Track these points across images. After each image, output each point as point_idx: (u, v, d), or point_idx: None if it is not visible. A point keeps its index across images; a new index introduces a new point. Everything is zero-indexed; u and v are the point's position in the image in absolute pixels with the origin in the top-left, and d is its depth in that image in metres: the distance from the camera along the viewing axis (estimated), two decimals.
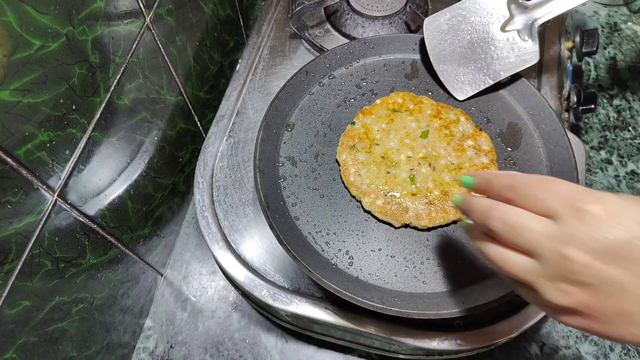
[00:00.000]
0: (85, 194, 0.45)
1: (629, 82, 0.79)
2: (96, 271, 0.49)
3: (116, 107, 0.47)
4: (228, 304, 0.63)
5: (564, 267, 0.28)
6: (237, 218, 0.54)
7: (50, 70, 0.37)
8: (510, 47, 0.52)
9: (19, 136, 0.35)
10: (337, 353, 0.59)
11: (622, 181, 0.71)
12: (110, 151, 0.47)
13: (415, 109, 0.52)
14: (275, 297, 0.49)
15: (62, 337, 0.45)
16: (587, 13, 0.86)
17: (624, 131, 0.75)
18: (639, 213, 0.27)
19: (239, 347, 0.60)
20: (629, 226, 0.27)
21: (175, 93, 0.60)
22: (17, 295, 0.38)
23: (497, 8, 0.53)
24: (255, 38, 0.67)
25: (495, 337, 0.47)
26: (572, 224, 0.28)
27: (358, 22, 0.66)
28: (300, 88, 0.54)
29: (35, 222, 0.38)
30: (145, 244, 0.58)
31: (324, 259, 0.45)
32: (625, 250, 0.27)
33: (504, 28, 0.52)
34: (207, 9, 0.65)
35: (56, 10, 0.36)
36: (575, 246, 0.27)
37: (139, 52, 0.49)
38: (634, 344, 0.29)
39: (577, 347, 0.59)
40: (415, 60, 0.57)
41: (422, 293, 0.44)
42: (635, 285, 0.27)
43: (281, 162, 0.51)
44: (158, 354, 0.60)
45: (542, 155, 0.51)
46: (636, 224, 0.27)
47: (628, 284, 0.27)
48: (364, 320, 0.47)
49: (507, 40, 0.52)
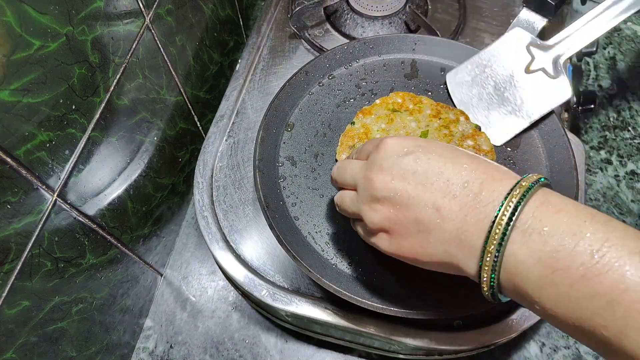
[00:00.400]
0: (85, 194, 0.45)
1: (628, 82, 0.79)
2: (96, 271, 0.49)
3: (116, 107, 0.47)
4: (228, 304, 0.63)
5: (371, 187, 0.33)
6: (236, 218, 0.54)
7: (49, 70, 0.37)
8: (538, 86, 0.50)
9: (18, 136, 0.35)
10: (336, 353, 0.59)
11: (621, 181, 0.71)
12: (110, 151, 0.47)
13: (415, 109, 0.52)
14: (275, 297, 0.49)
15: (61, 337, 0.45)
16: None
17: (624, 131, 0.75)
18: (420, 140, 0.34)
19: (238, 347, 0.60)
20: (409, 146, 0.33)
21: (175, 93, 0.60)
22: (16, 295, 0.38)
23: (517, 52, 0.52)
24: (255, 38, 0.67)
25: (495, 337, 0.47)
26: (374, 154, 0.35)
27: (358, 22, 0.66)
28: (300, 88, 0.54)
29: (35, 222, 0.38)
30: (145, 244, 0.58)
31: (324, 259, 0.45)
32: (408, 165, 0.32)
33: (528, 69, 0.51)
34: (207, 9, 0.65)
35: (56, 10, 0.36)
36: (375, 169, 0.34)
37: (139, 52, 0.49)
38: (426, 261, 0.33)
39: (576, 347, 0.59)
40: (415, 60, 0.57)
41: (422, 293, 0.44)
42: (418, 193, 0.31)
43: (281, 162, 0.51)
44: (158, 354, 0.60)
45: (541, 155, 0.51)
46: (415, 145, 0.33)
47: (413, 192, 0.32)
48: (363, 320, 0.47)
49: (534, 80, 0.51)
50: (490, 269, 0.29)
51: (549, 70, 0.50)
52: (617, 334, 0.24)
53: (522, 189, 0.29)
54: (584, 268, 0.25)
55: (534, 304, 0.28)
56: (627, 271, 0.24)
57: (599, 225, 0.27)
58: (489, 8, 0.70)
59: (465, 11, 0.69)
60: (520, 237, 0.28)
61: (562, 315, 0.27)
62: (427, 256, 0.32)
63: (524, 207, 0.28)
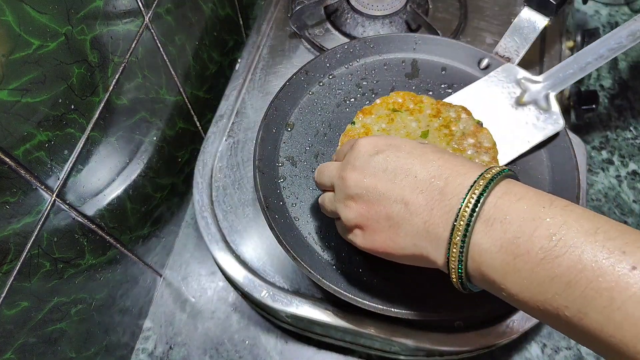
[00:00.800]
0: (84, 194, 0.44)
1: (630, 82, 0.79)
2: (95, 272, 0.49)
3: (115, 106, 0.47)
4: (227, 304, 0.62)
5: (344, 186, 0.35)
6: (236, 218, 0.54)
7: (48, 69, 0.37)
8: (529, 118, 0.51)
9: (17, 136, 0.35)
10: (337, 354, 0.59)
11: (623, 181, 0.70)
12: (109, 151, 0.47)
13: (416, 108, 0.52)
14: (275, 298, 0.49)
15: (61, 338, 0.45)
16: (588, 12, 0.86)
17: (626, 131, 0.74)
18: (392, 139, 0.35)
19: (238, 348, 0.60)
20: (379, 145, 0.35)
21: (175, 93, 0.60)
22: (15, 296, 0.38)
23: (508, 86, 0.52)
24: (254, 37, 0.67)
25: (496, 338, 0.47)
26: (348, 154, 0.36)
27: (358, 21, 0.66)
28: (300, 88, 0.54)
29: (34, 223, 0.38)
30: (144, 245, 0.58)
31: (324, 259, 0.45)
32: (379, 164, 0.34)
33: (520, 101, 0.51)
34: (207, 8, 0.65)
35: (55, 9, 0.36)
36: (348, 169, 0.35)
37: (138, 51, 0.49)
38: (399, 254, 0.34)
39: (578, 348, 0.59)
40: (416, 60, 0.57)
41: (422, 294, 0.44)
42: (388, 190, 0.33)
43: (281, 162, 0.50)
44: (157, 355, 0.60)
45: (543, 155, 0.50)
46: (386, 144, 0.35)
47: (383, 188, 0.33)
48: (364, 321, 0.47)
49: (525, 112, 0.51)
50: (457, 259, 0.30)
51: (539, 103, 0.51)
52: (577, 314, 0.25)
53: (485, 181, 0.30)
54: (542, 252, 0.26)
55: (502, 291, 0.29)
56: (583, 252, 0.25)
57: (558, 210, 0.28)
58: (490, 7, 0.69)
59: (466, 10, 0.69)
60: (484, 226, 0.29)
61: (528, 300, 0.27)
62: (399, 249, 0.33)
63: (487, 197, 0.30)
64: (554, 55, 0.65)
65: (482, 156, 0.49)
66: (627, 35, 0.49)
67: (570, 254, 0.25)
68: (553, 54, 0.65)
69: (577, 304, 0.25)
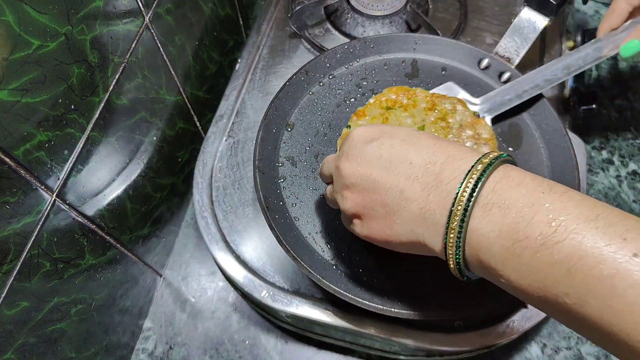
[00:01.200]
0: (84, 194, 0.44)
1: (630, 82, 0.79)
2: (95, 272, 0.48)
3: (115, 106, 0.47)
4: (227, 304, 0.62)
5: (341, 176, 0.35)
6: (236, 218, 0.54)
7: (48, 69, 0.37)
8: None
9: (17, 136, 0.35)
10: (337, 354, 0.59)
11: (623, 181, 0.70)
12: (109, 151, 0.47)
13: (410, 103, 0.51)
14: (275, 298, 0.49)
15: (61, 338, 0.45)
16: (588, 12, 0.86)
17: (626, 131, 0.74)
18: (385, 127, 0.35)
19: (238, 348, 0.60)
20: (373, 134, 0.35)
21: (175, 93, 0.60)
22: (15, 296, 0.38)
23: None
24: (254, 37, 0.67)
25: (496, 338, 0.47)
26: (343, 145, 0.36)
27: (358, 21, 0.66)
28: (300, 88, 0.54)
29: (34, 223, 0.38)
30: (144, 245, 0.58)
31: (324, 259, 0.45)
32: (373, 152, 0.34)
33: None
34: (207, 8, 0.65)
35: (55, 9, 0.36)
36: (343, 158, 0.35)
37: (138, 51, 0.49)
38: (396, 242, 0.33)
39: (578, 348, 0.59)
40: (416, 60, 0.57)
41: (422, 294, 0.44)
42: (383, 177, 0.33)
43: (281, 162, 0.50)
44: (157, 355, 0.60)
45: (543, 155, 0.50)
46: (379, 132, 0.34)
47: (378, 176, 0.33)
48: (364, 321, 0.47)
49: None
50: (454, 245, 0.30)
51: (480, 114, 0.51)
52: (578, 301, 0.25)
53: (483, 165, 0.30)
54: (542, 237, 0.26)
55: (500, 277, 0.28)
56: (584, 238, 0.25)
57: (557, 196, 0.27)
58: (490, 7, 0.69)
59: (466, 10, 0.69)
60: (481, 212, 0.29)
61: (527, 287, 0.27)
62: (396, 237, 0.33)
63: (485, 182, 0.29)
64: (554, 56, 0.65)
65: (481, 147, 0.48)
66: (562, 69, 0.51)
67: (571, 240, 0.25)
68: (553, 54, 0.65)
69: (577, 291, 0.25)
